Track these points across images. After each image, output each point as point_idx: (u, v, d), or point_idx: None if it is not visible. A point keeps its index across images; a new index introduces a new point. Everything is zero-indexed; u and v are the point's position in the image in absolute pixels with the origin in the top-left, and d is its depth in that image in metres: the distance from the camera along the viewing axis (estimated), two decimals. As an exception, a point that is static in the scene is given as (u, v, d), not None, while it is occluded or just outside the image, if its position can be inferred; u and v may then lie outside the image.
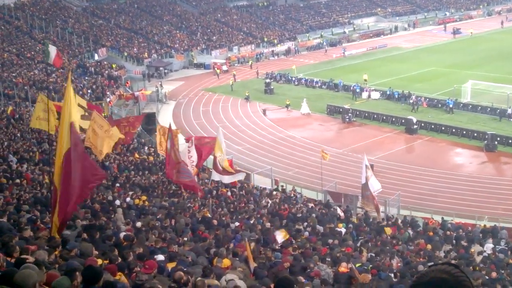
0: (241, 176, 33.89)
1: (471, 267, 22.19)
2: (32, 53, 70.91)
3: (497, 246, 27.83)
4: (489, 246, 27.26)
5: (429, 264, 19.96)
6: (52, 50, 55.00)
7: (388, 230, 28.16)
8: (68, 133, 14.07)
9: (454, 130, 51.33)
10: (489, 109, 56.26)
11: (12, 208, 18.52)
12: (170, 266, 14.27)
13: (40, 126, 32.41)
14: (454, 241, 28.20)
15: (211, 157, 33.39)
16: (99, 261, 12.22)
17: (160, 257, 15.04)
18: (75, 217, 17.85)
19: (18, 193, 21.85)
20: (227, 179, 31.98)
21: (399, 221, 31.58)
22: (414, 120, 52.41)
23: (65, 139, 14.03)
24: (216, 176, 32.00)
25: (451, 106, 57.11)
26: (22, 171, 26.87)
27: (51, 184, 20.10)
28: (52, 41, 76.37)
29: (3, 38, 74.72)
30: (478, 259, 24.22)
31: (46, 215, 17.67)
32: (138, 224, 20.09)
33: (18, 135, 36.01)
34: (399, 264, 22.02)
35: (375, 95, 64.00)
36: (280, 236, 21.94)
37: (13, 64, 65.14)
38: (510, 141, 48.14)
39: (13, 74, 60.26)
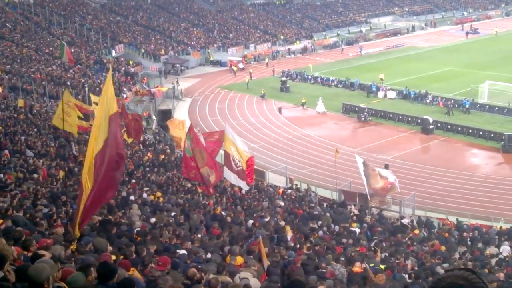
0: (244, 186, 31.05)
1: (486, 269, 22.08)
2: (51, 48, 71.28)
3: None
4: (505, 248, 27.04)
5: (447, 268, 19.87)
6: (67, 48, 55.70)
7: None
8: (107, 125, 13.98)
9: (470, 131, 51.03)
10: (506, 109, 55.90)
11: (28, 203, 18.63)
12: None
13: (58, 125, 32.85)
14: (469, 243, 28.05)
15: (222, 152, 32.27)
16: (113, 257, 12.27)
17: (182, 251, 15.14)
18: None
19: (34, 188, 21.97)
20: (233, 179, 30.11)
21: (414, 222, 31.48)
22: (430, 120, 52.15)
23: (102, 133, 13.91)
24: (227, 173, 30.61)
25: (467, 106, 56.79)
26: (38, 166, 27.01)
27: (66, 179, 20.24)
28: (70, 37, 76.91)
29: (22, 34, 75.18)
30: (494, 261, 24.07)
31: (62, 210, 17.76)
32: (153, 220, 20.16)
33: (35, 130, 36.20)
34: (413, 265, 21.94)
35: (391, 94, 63.79)
36: (289, 234, 22.00)
37: (32, 60, 65.51)
38: (527, 142, 47.84)
39: (32, 70, 60.56)
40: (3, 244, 9.94)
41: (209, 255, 16.32)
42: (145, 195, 25.51)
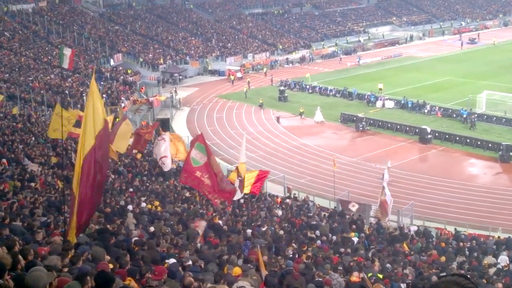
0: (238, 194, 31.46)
1: (484, 280, 22.02)
2: (49, 57, 71.32)
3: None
4: (503, 258, 26.98)
5: (441, 274, 19.84)
6: (67, 52, 55.19)
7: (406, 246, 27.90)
8: (94, 131, 13.94)
9: (468, 141, 51.07)
10: (504, 119, 55.97)
11: (26, 211, 18.61)
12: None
13: (56, 136, 33.00)
14: (467, 253, 28.00)
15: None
16: (110, 266, 12.23)
17: (172, 260, 15.03)
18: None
19: (32, 197, 21.95)
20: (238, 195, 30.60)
21: (412, 231, 31.46)
22: (428, 130, 52.20)
23: (88, 140, 13.86)
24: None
25: (465, 116, 56.82)
26: (36, 175, 26.98)
27: (64, 189, 20.20)
28: (68, 46, 76.85)
29: (20, 43, 75.18)
30: (492, 271, 24.00)
31: (60, 219, 17.73)
32: (150, 229, 20.12)
33: (33, 139, 36.16)
34: (411, 275, 21.88)
35: (389, 104, 63.84)
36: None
37: (30, 69, 65.54)
38: (525, 152, 47.81)
39: (30, 78, 60.62)
40: (2, 253, 9.91)
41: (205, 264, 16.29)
42: (143, 204, 25.48)
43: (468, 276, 3.80)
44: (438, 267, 24.10)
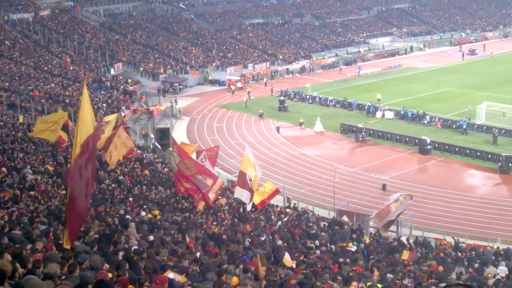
0: (248, 206, 31.59)
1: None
2: (49, 66, 71.42)
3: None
4: (502, 268, 26.97)
5: (441, 285, 19.84)
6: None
7: (406, 254, 27.84)
8: (85, 142, 14.03)
9: (468, 151, 51.10)
10: (503, 130, 55.93)
11: (26, 220, 18.61)
12: (182, 280, 14.29)
13: (43, 136, 33.68)
14: (466, 263, 27.98)
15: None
16: (110, 274, 12.25)
17: (171, 275, 15.03)
18: (88, 230, 17.95)
19: (33, 205, 21.94)
20: (245, 198, 30.85)
21: (411, 241, 31.44)
22: (428, 141, 52.22)
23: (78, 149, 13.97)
24: (239, 192, 30.86)
25: (464, 127, 56.86)
26: (36, 183, 26.96)
27: (64, 197, 20.23)
28: (69, 55, 77.02)
29: (21, 52, 75.30)
30: (491, 282, 23.99)
31: (59, 228, 17.74)
32: (150, 238, 20.13)
33: (33, 147, 36.14)
34: (410, 285, 21.87)
35: (389, 114, 63.89)
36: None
37: (30, 77, 65.52)
38: (524, 163, 47.83)
39: (30, 87, 60.57)
40: (3, 260, 9.94)
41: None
42: (143, 213, 25.48)
43: (471, 286, 3.84)
44: (436, 277, 24.09)
